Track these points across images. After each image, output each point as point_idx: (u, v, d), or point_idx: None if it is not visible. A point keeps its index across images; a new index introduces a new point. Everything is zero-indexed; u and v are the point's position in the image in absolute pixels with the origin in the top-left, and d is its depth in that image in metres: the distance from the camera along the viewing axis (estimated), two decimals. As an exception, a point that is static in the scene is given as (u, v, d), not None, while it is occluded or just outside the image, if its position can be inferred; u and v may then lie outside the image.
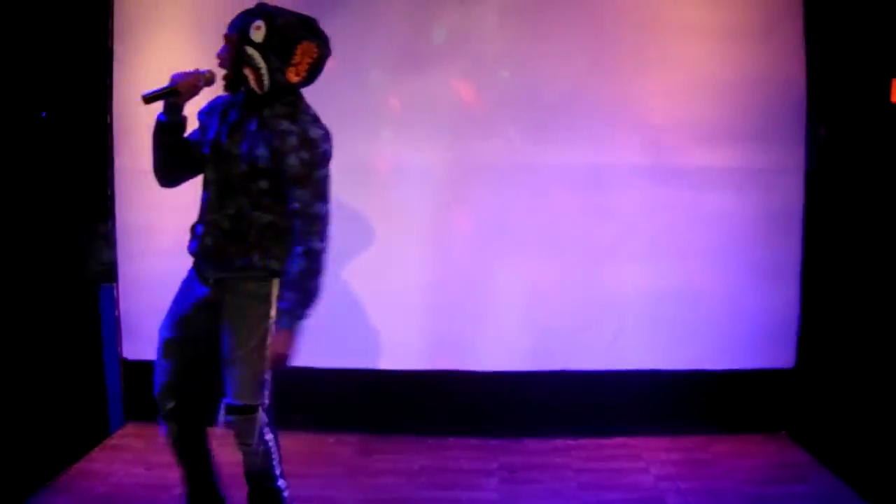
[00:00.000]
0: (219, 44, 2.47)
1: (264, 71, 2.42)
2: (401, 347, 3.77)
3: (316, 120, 2.54)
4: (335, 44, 3.69)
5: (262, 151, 2.44)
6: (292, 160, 2.43)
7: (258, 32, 2.42)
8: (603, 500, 3.20)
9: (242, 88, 2.48)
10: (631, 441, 3.75)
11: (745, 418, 3.84)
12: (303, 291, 2.43)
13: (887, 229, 3.50)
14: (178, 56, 3.74)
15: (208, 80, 2.47)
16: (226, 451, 2.65)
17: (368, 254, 3.78)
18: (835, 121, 3.71)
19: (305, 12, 3.56)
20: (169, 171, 2.56)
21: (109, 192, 3.83)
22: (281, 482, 2.59)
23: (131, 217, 3.83)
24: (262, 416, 2.49)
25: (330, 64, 2.48)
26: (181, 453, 2.67)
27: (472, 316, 3.04)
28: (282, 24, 2.45)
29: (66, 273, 3.70)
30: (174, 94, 2.42)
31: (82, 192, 3.77)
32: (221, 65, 2.47)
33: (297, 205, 2.45)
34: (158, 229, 3.77)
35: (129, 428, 3.87)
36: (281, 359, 2.45)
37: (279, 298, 2.46)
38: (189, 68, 2.45)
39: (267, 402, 2.51)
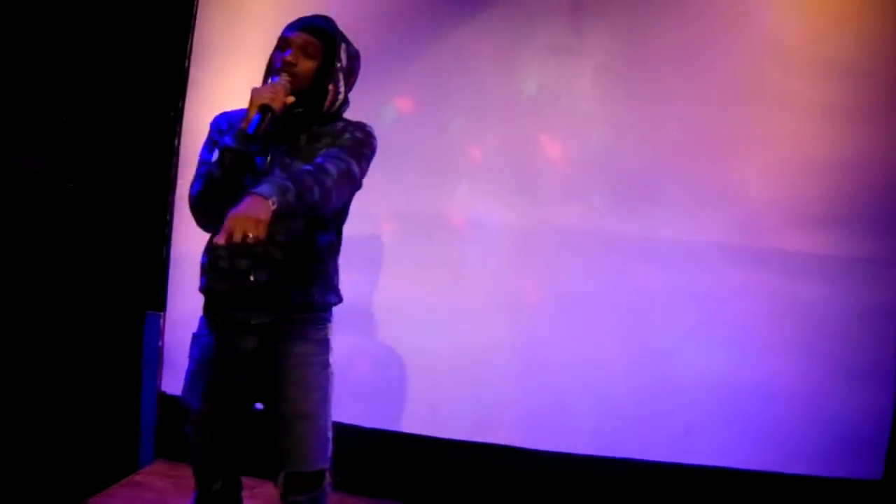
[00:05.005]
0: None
1: (342, 93, 2.27)
2: (449, 414, 3.52)
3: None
4: (418, 85, 3.58)
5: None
6: (346, 136, 2.24)
7: (344, 54, 2.26)
8: None
9: (299, 107, 2.21)
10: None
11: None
12: (298, 182, 1.98)
13: None
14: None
15: (288, 90, 2.18)
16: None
17: (428, 309, 3.56)
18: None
19: (394, 52, 3.50)
20: (226, 206, 1.91)
21: (168, 219, 3.70)
22: None
23: (185, 246, 3.63)
24: (327, 482, 2.26)
25: (410, 106, 2.33)
26: None
27: (530, 389, 2.79)
28: (354, 51, 2.32)
29: (114, 298, 3.56)
30: (271, 112, 2.11)
31: (141, 215, 3.64)
32: (297, 75, 2.19)
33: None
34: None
35: (158, 465, 3.66)
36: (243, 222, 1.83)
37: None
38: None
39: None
